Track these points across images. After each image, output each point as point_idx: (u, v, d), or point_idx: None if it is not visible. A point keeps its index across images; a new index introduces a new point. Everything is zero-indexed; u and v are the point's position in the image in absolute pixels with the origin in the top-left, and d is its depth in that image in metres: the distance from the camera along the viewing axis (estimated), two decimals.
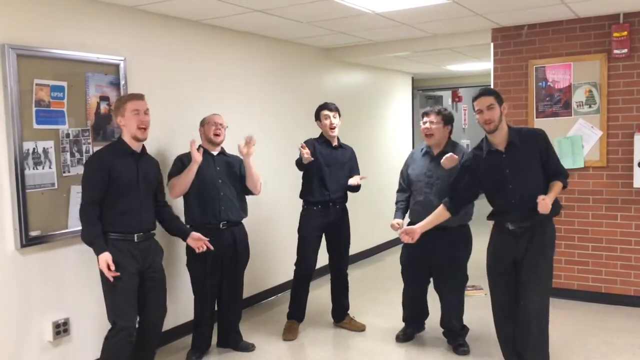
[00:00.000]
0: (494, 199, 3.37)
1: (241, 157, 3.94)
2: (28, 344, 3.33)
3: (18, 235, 3.22)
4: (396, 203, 4.13)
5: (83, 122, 3.55)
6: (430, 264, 3.95)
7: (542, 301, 3.25)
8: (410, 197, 4.02)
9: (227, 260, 3.90)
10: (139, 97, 3.25)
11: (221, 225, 3.83)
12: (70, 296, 3.49)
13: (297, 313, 4.40)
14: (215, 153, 3.93)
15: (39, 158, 3.32)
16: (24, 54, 3.22)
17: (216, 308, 4.04)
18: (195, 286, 3.91)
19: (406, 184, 4.06)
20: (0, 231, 3.18)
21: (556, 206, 3.20)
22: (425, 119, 3.92)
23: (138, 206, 3.21)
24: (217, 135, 3.88)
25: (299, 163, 4.18)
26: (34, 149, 3.29)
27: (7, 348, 3.23)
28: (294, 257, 4.35)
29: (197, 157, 3.67)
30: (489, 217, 3.43)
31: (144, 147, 3.32)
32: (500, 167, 3.23)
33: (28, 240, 3.26)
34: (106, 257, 3.04)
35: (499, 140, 3.24)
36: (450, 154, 3.69)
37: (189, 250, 3.75)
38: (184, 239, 3.53)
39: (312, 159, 4.08)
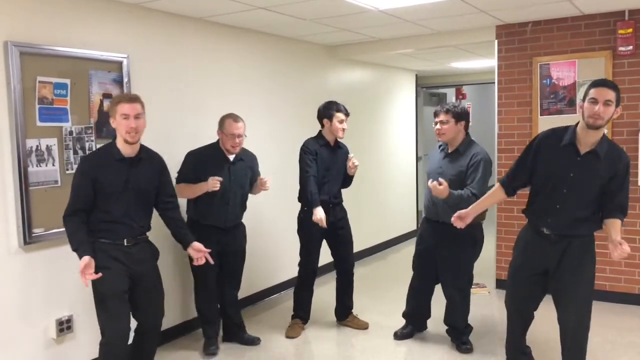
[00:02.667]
0: (540, 192, 3.01)
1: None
2: (32, 341, 3.34)
3: (21, 232, 3.23)
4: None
5: (86, 120, 3.55)
6: (437, 260, 3.94)
7: (580, 318, 3.02)
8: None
9: (227, 256, 3.96)
10: (130, 99, 3.03)
11: (223, 227, 3.91)
12: (74, 293, 3.49)
13: (301, 313, 4.40)
14: (232, 158, 3.91)
15: (42, 155, 3.32)
16: (27, 51, 3.22)
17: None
18: (200, 284, 3.94)
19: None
20: (3, 229, 3.19)
21: (594, 226, 2.99)
22: (435, 119, 3.89)
23: (127, 214, 3.05)
24: (234, 147, 3.85)
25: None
26: (37, 146, 3.29)
27: (11, 345, 3.24)
28: (296, 254, 4.34)
29: (212, 187, 3.69)
30: (525, 212, 3.15)
31: (142, 150, 3.12)
32: (567, 166, 2.89)
33: (31, 238, 3.26)
34: (85, 260, 2.85)
35: (588, 140, 2.86)
36: (434, 184, 3.57)
37: None
38: (185, 248, 3.38)
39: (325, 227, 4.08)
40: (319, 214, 4.02)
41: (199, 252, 3.32)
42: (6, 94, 3.15)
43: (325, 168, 4.21)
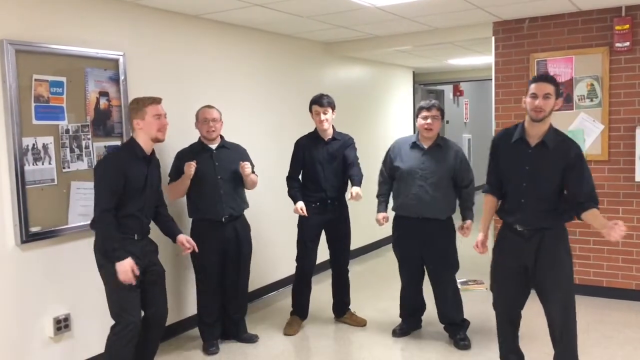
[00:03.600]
0: (507, 191, 3.16)
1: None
2: (29, 339, 3.34)
3: (18, 231, 3.22)
4: (378, 196, 4.13)
5: (82, 118, 3.55)
6: (423, 257, 3.96)
7: (566, 311, 3.04)
8: (396, 190, 4.01)
9: (230, 252, 3.94)
10: (159, 101, 3.27)
11: (223, 220, 3.87)
12: (71, 292, 3.49)
13: (299, 310, 4.41)
14: (214, 146, 3.92)
15: (39, 154, 3.31)
16: (23, 49, 3.20)
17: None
18: (200, 280, 3.95)
19: (388, 175, 4.07)
20: (0, 227, 3.18)
21: (561, 217, 3.06)
22: (425, 113, 3.88)
23: (141, 210, 3.20)
24: (209, 132, 3.87)
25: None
26: (33, 144, 3.28)
27: (9, 344, 3.24)
28: (293, 252, 4.34)
29: (188, 172, 3.72)
30: (498, 213, 3.27)
31: (153, 150, 3.31)
32: (521, 161, 3.03)
33: (28, 236, 3.26)
34: (130, 264, 3.02)
35: (535, 133, 3.01)
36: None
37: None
38: (173, 241, 3.51)
39: (306, 215, 4.08)
40: (296, 205, 4.09)
41: (185, 244, 3.48)
42: (2, 92, 3.14)
43: (317, 162, 4.18)
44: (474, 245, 3.34)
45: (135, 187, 3.14)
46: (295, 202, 4.14)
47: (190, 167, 3.72)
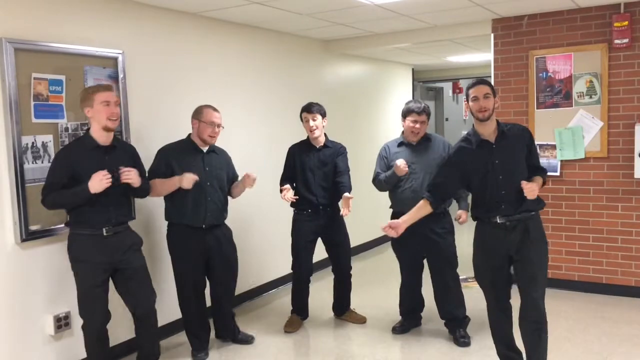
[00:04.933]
0: (482, 192, 3.22)
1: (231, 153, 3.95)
2: (30, 337, 3.34)
3: (18, 229, 3.23)
4: (378, 173, 4.08)
5: (82, 116, 3.52)
6: (424, 252, 3.97)
7: (542, 300, 3.14)
8: (392, 189, 4.02)
9: (213, 260, 3.79)
10: (108, 87, 3.20)
11: (204, 226, 3.72)
12: (71, 290, 3.46)
13: (300, 310, 4.42)
14: (204, 150, 3.77)
15: (38, 152, 3.31)
16: (22, 47, 3.21)
17: (209, 304, 3.98)
18: (180, 286, 3.79)
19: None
20: (0, 225, 3.18)
21: (540, 200, 3.17)
22: (415, 117, 3.91)
23: (105, 201, 3.10)
24: (212, 136, 3.73)
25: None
26: (33, 143, 3.28)
27: (9, 342, 3.25)
28: (290, 250, 4.33)
29: (187, 185, 3.54)
30: (473, 214, 3.32)
31: (115, 139, 3.24)
32: (490, 158, 3.16)
33: (28, 235, 3.26)
34: (96, 176, 2.98)
35: (489, 131, 3.20)
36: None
37: (172, 250, 3.76)
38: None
39: (295, 199, 4.03)
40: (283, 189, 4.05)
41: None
42: (1, 91, 3.14)
43: (308, 169, 4.17)
44: (385, 227, 3.29)
45: (88, 178, 3.02)
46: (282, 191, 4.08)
47: (191, 182, 3.54)
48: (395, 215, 4.03)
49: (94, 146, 3.11)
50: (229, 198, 3.95)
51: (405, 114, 3.97)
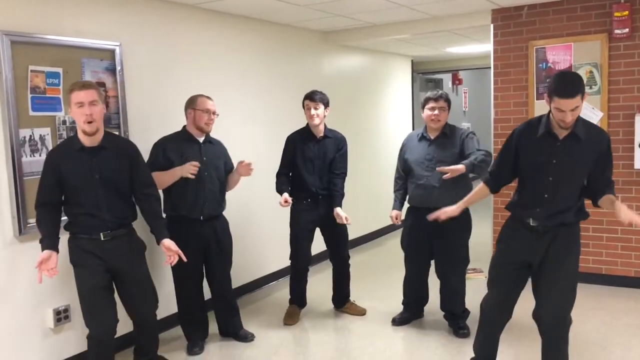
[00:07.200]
0: (527, 185, 2.98)
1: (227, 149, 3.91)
2: (29, 331, 3.35)
3: (16, 223, 3.22)
4: (395, 191, 4.13)
5: None
6: (433, 248, 3.95)
7: (563, 312, 2.91)
8: (408, 182, 4.01)
9: (211, 253, 3.77)
10: (83, 85, 2.91)
11: (202, 218, 3.70)
12: (71, 283, 3.46)
13: (298, 299, 4.42)
14: (201, 140, 3.75)
15: (36, 145, 3.30)
16: (19, 40, 3.19)
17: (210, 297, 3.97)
18: (177, 279, 3.77)
19: (402, 170, 4.06)
20: None
21: (580, 212, 2.92)
22: (432, 104, 3.85)
23: (97, 205, 2.98)
24: (208, 124, 3.70)
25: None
26: (30, 136, 3.27)
27: (9, 335, 3.25)
28: (288, 243, 4.32)
29: (188, 174, 3.53)
30: (509, 206, 3.09)
31: (105, 139, 3.04)
32: (549, 154, 2.84)
33: (26, 228, 3.25)
34: (43, 255, 2.84)
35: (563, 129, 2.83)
36: (449, 168, 3.61)
37: None
38: (157, 243, 3.23)
39: (289, 203, 4.04)
40: (282, 197, 4.05)
41: (169, 250, 3.15)
42: None
43: (307, 159, 4.16)
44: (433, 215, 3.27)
45: (75, 182, 2.94)
46: (280, 195, 4.09)
47: (192, 170, 3.53)
48: (409, 210, 4.05)
49: (78, 148, 2.97)
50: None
51: (423, 103, 3.94)
